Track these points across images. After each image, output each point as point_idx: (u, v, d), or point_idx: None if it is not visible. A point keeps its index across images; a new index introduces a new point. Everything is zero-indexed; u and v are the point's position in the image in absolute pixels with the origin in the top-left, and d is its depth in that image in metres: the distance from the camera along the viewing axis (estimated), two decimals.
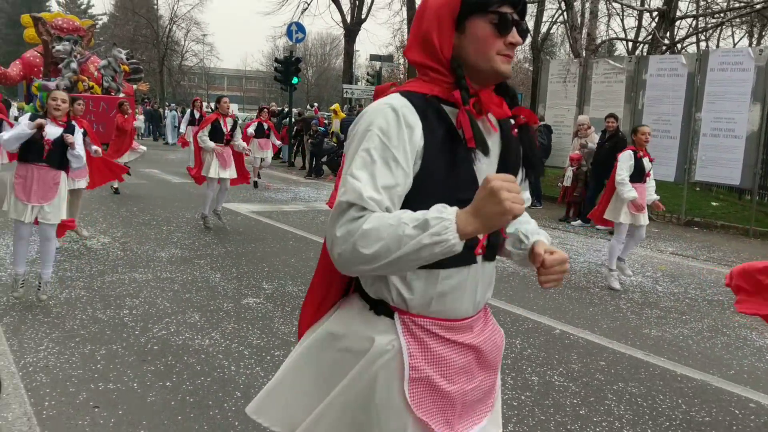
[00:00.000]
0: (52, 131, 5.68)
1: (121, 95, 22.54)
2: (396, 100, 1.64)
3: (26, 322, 5.37)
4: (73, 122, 6.10)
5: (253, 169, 14.73)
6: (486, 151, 1.67)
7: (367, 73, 32.24)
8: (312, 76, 63.31)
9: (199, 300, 6.23)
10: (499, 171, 1.74)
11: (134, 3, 49.85)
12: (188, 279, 6.96)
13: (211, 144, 9.52)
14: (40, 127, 5.55)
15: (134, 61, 25.47)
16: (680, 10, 23.92)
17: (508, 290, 7.13)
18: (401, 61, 35.17)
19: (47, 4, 65.23)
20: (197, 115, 15.53)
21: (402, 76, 35.73)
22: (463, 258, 1.63)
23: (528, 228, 1.88)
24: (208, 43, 53.71)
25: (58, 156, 5.74)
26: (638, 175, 7.47)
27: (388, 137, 1.57)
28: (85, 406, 3.95)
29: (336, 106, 21.60)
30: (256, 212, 11.56)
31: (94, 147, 7.90)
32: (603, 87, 13.69)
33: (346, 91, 23.93)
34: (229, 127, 9.74)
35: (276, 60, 22.61)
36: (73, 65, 22.62)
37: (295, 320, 5.77)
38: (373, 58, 28.80)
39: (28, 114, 5.84)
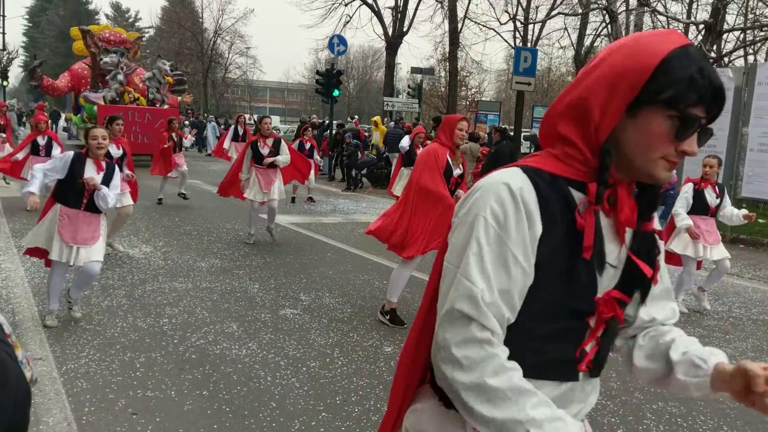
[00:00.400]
0: (91, 174, 5.55)
1: (166, 107, 22.99)
2: (515, 178, 1.35)
3: (69, 329, 5.48)
4: (114, 164, 5.89)
5: (293, 188, 14.38)
6: (600, 267, 1.38)
7: (408, 86, 32.33)
8: (353, 88, 63.73)
9: (238, 310, 6.29)
10: (618, 284, 1.45)
11: (180, 16, 50.94)
12: (227, 289, 7.02)
13: (245, 175, 9.53)
14: (86, 182, 5.46)
15: (178, 72, 25.93)
16: (727, 23, 23.55)
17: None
18: (442, 74, 35.17)
19: (96, 17, 66.91)
20: (241, 131, 15.68)
21: (443, 89, 35.74)
22: (563, 373, 1.42)
23: (697, 348, 1.51)
24: (251, 56, 54.41)
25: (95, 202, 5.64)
26: (702, 209, 7.18)
27: (506, 230, 1.31)
28: (123, 412, 4.01)
29: (377, 118, 21.69)
30: (296, 224, 11.63)
31: (128, 172, 8.11)
32: None
33: (387, 104, 24.02)
34: (269, 148, 9.45)
35: (317, 72, 22.80)
36: (120, 77, 23.13)
37: (331, 332, 5.78)
38: (414, 70, 28.91)
39: (71, 154, 5.66)
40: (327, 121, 23.44)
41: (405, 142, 12.22)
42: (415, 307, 6.71)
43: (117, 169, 5.80)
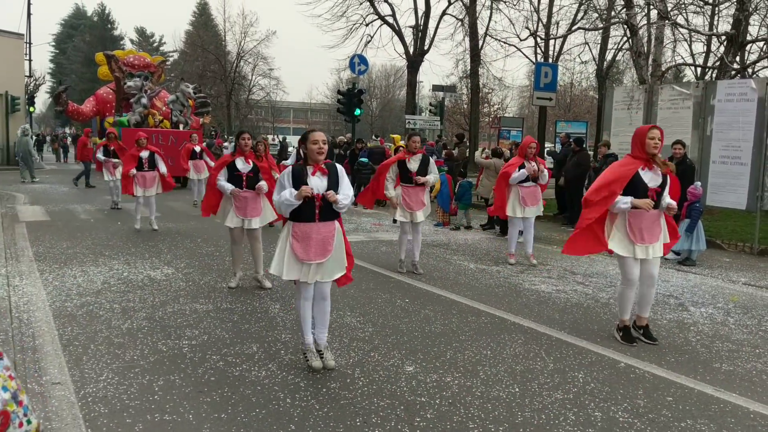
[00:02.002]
0: (316, 183, 5.13)
1: (189, 129, 23.23)
2: None
3: (88, 352, 5.48)
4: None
5: None
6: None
7: (430, 104, 32.35)
8: (376, 107, 63.98)
9: (258, 331, 6.26)
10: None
11: (203, 40, 51.62)
12: (248, 310, 7.01)
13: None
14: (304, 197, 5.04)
15: (201, 95, 26.22)
16: (751, 34, 23.28)
17: (570, 322, 6.94)
18: (464, 91, 35.18)
19: (121, 42, 67.99)
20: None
21: (465, 106, 35.74)
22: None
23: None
24: (274, 77, 54.86)
25: (329, 209, 5.19)
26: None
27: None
28: None
29: (396, 136, 21.73)
30: None
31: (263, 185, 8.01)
32: (669, 113, 13.36)
33: (408, 122, 24.04)
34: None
35: (339, 92, 22.91)
36: (144, 100, 23.44)
37: (352, 352, 5.73)
38: (436, 88, 28.94)
39: (289, 168, 5.25)
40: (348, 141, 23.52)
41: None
42: (438, 325, 6.64)
43: (342, 170, 5.36)
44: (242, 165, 7.87)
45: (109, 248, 10.40)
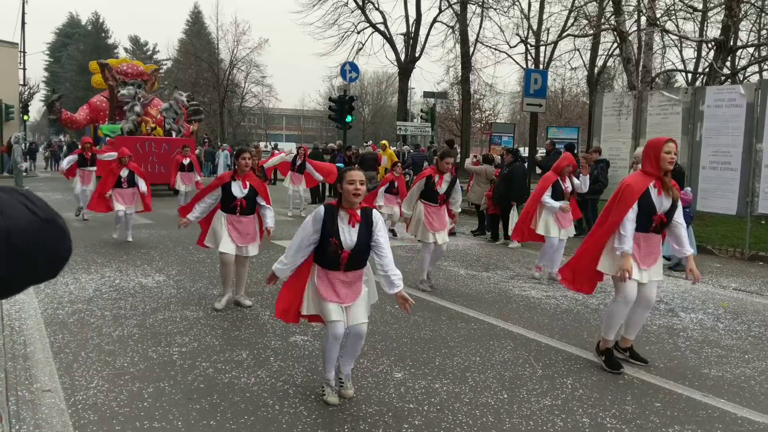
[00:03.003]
0: (347, 235, 4.63)
1: (182, 137, 23.24)
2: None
3: (79, 360, 5.49)
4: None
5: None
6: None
7: (421, 110, 32.44)
8: (368, 114, 64.07)
9: (248, 337, 6.28)
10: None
11: (197, 48, 51.64)
12: (238, 317, 7.02)
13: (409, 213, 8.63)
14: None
15: (195, 102, 26.21)
16: (741, 40, 23.45)
17: (560, 327, 6.97)
18: (456, 97, 35.28)
19: (115, 51, 67.97)
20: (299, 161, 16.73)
21: (457, 112, 35.83)
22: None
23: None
24: (267, 85, 54.90)
25: (358, 259, 4.71)
26: None
27: None
28: None
29: (384, 142, 21.82)
30: None
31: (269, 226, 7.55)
32: (659, 119, 13.45)
33: (400, 128, 24.12)
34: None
35: (330, 99, 22.97)
36: (137, 108, 23.42)
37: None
38: (427, 95, 29.05)
39: (321, 211, 4.67)
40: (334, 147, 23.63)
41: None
42: (427, 331, 6.66)
43: (379, 218, 4.74)
44: (238, 191, 7.14)
45: (102, 255, 10.40)
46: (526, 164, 16.23)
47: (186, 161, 16.85)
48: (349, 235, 4.57)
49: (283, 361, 5.63)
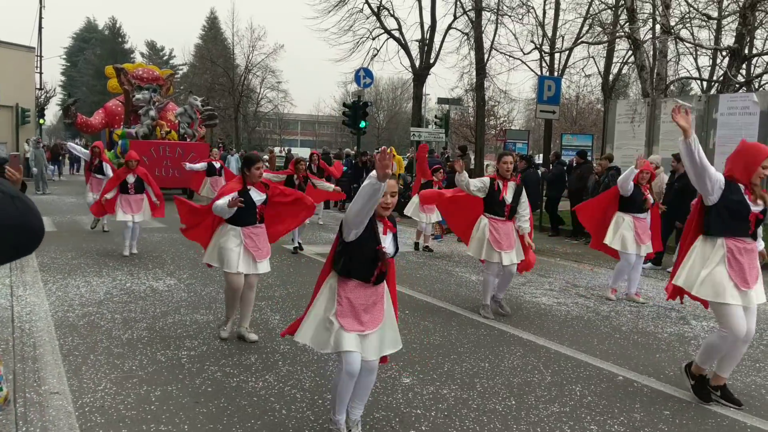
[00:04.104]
0: (388, 245, 4.16)
1: (196, 141, 23.39)
2: None
3: (88, 362, 5.51)
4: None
5: (421, 235, 12.73)
6: None
7: (435, 116, 32.45)
8: (383, 119, 64.14)
9: (257, 342, 6.28)
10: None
11: (212, 53, 51.89)
12: None
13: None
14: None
15: (209, 107, 26.36)
16: (756, 48, 23.31)
17: (570, 334, 6.94)
18: (470, 103, 35.26)
19: (132, 56, 68.46)
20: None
21: (471, 119, 35.80)
22: None
23: None
24: (282, 90, 55.04)
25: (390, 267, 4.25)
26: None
27: None
28: None
29: (391, 149, 21.89)
30: (320, 254, 11.64)
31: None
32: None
33: (414, 134, 24.13)
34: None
35: (344, 105, 23.03)
36: (152, 113, 23.61)
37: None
38: (441, 101, 29.10)
39: None
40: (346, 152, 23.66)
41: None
42: (437, 336, 6.65)
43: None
44: (257, 195, 6.22)
45: (114, 259, 10.46)
46: (539, 171, 16.23)
47: (217, 164, 16.22)
48: (386, 244, 4.14)
49: (291, 365, 5.63)
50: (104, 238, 12.57)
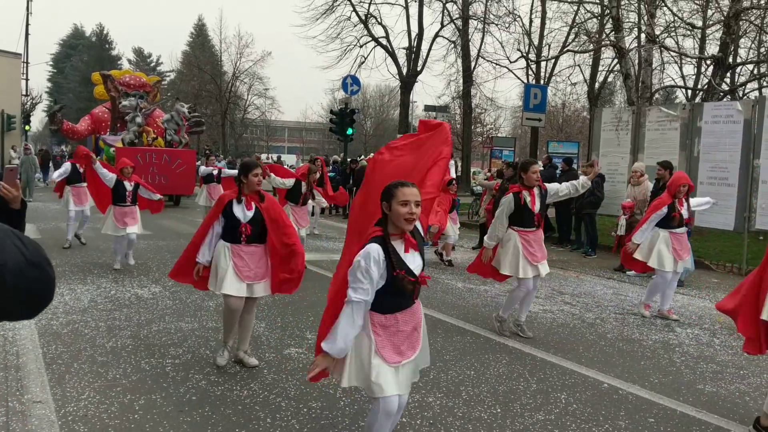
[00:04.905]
0: (412, 263, 3.61)
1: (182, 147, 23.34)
2: None
3: (71, 371, 5.47)
4: None
5: (446, 247, 12.27)
6: None
7: None
8: (370, 126, 64.19)
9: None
10: None
11: (200, 60, 51.80)
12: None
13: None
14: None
15: (196, 114, 26.32)
16: (741, 57, 23.55)
17: (555, 342, 6.96)
18: (457, 110, 35.39)
19: (119, 62, 68.19)
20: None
21: (458, 126, 35.91)
22: None
23: None
24: (269, 97, 54.96)
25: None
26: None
27: None
28: None
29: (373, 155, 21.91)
30: (307, 261, 11.60)
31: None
32: (657, 134, 13.47)
33: None
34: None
35: (331, 112, 23.05)
36: (139, 119, 23.54)
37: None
38: (428, 108, 29.18)
39: (374, 251, 3.46)
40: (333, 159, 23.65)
41: None
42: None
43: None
44: (241, 213, 5.58)
45: (98, 266, 10.39)
46: None
47: (215, 171, 15.46)
48: (413, 259, 3.61)
49: (276, 373, 5.62)
50: (89, 246, 12.47)
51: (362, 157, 25.59)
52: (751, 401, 5.41)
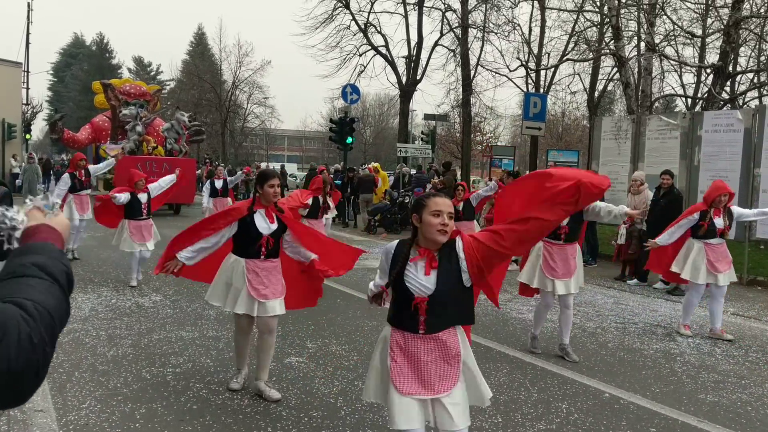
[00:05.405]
0: (423, 281, 3.23)
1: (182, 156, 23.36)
2: None
3: (72, 380, 5.47)
4: None
5: None
6: None
7: (422, 132, 32.58)
8: (370, 135, 64.27)
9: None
10: None
11: (200, 69, 51.92)
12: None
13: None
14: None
15: (196, 123, 26.34)
16: (741, 66, 23.61)
17: (551, 349, 6.94)
18: (456, 119, 35.44)
19: (119, 71, 68.33)
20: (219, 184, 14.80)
21: (458, 135, 35.97)
22: None
23: None
24: (269, 106, 55.03)
25: (442, 309, 3.26)
26: None
27: None
28: None
29: (376, 165, 21.99)
30: None
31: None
32: (657, 143, 13.49)
33: (400, 150, 24.20)
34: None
35: (331, 120, 23.10)
36: (139, 128, 23.57)
37: (336, 380, 5.73)
38: (427, 117, 29.26)
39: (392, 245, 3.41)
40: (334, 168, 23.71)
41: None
42: None
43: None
44: (264, 224, 5.14)
45: (99, 275, 10.39)
46: None
47: (219, 183, 14.78)
48: (426, 283, 3.21)
49: (277, 382, 5.60)
50: (90, 255, 12.46)
51: (364, 166, 25.62)
52: (753, 411, 5.40)
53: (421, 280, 3.19)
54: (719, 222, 7.66)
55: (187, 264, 5.16)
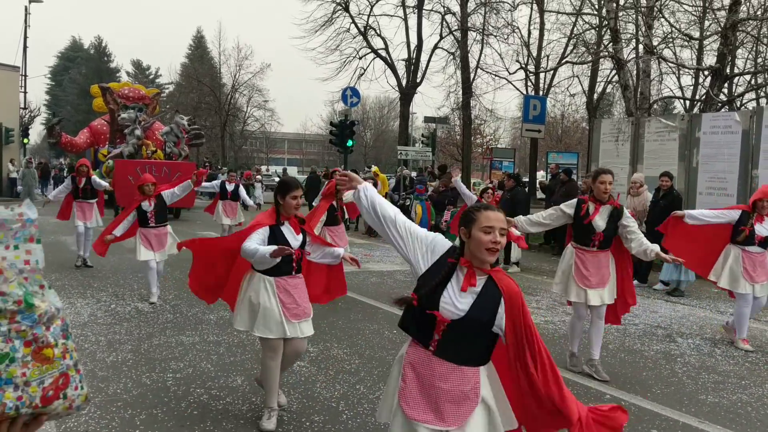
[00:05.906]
0: (459, 301, 2.90)
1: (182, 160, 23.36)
2: None
3: None
4: None
5: None
6: None
7: (422, 135, 32.59)
8: (370, 138, 64.31)
9: (243, 363, 6.25)
10: None
11: (199, 72, 51.93)
12: (234, 342, 6.99)
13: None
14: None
15: (196, 126, 26.33)
16: (738, 67, 23.64)
17: (557, 353, 6.93)
18: (456, 122, 35.46)
19: (117, 75, 68.32)
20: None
21: (458, 137, 35.99)
22: None
23: None
24: (269, 109, 55.02)
25: (460, 337, 2.92)
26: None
27: None
28: None
29: (375, 168, 22.01)
30: None
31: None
32: (656, 145, 13.51)
33: (400, 153, 24.22)
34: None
35: (331, 123, 23.10)
36: (138, 132, 23.54)
37: (338, 384, 5.72)
38: (427, 120, 29.19)
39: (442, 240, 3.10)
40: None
41: None
42: None
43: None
44: (292, 237, 4.75)
45: (98, 280, 10.39)
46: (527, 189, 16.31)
47: (231, 187, 14.25)
48: (455, 298, 2.88)
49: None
50: (89, 260, 12.42)
51: (367, 169, 25.58)
52: (753, 411, 5.40)
53: (454, 298, 2.86)
54: (761, 229, 7.26)
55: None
